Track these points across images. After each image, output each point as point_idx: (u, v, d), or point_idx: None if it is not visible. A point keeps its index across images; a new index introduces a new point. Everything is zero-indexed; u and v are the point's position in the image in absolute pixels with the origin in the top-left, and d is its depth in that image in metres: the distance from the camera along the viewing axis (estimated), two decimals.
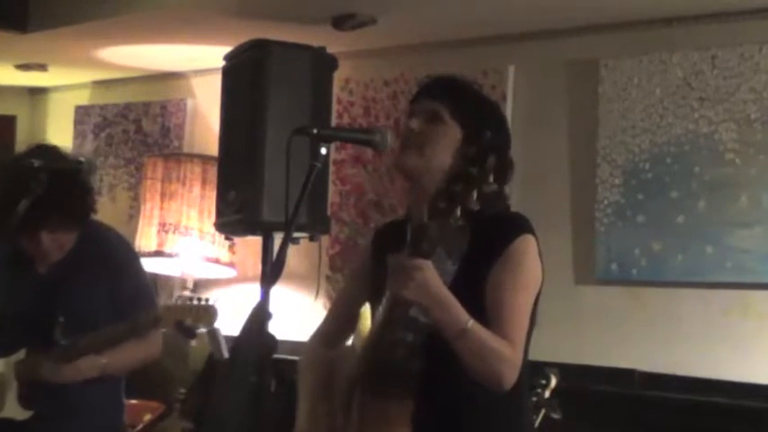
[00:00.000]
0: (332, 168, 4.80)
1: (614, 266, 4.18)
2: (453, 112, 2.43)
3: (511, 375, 2.30)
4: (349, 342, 2.70)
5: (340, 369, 2.52)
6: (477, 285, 2.36)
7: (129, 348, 3.30)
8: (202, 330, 3.31)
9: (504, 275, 2.36)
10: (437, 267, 2.30)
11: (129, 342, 3.27)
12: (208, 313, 3.13)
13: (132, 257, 3.53)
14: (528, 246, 2.40)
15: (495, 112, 2.58)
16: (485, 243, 2.37)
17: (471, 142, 2.32)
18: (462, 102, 2.47)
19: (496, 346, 2.28)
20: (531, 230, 2.43)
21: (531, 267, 2.40)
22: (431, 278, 2.23)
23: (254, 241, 4.33)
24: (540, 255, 2.45)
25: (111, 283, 3.37)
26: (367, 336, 2.45)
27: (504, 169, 2.48)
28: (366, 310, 2.64)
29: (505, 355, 2.28)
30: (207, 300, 3.16)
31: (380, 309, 2.34)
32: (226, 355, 4.29)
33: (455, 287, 2.30)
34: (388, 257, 2.28)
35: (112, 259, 3.41)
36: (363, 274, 2.65)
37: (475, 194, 2.12)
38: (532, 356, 2.51)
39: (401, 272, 2.23)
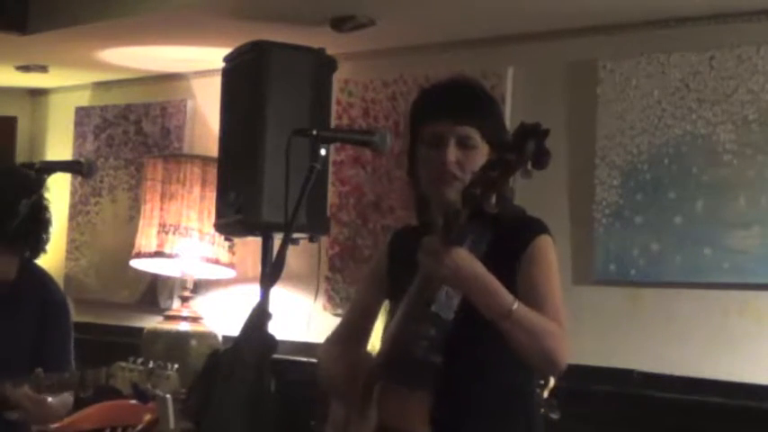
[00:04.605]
0: (331, 169, 4.80)
1: (612, 267, 4.19)
2: (483, 134, 2.44)
3: (563, 351, 2.29)
4: (368, 346, 2.69)
5: (359, 374, 2.49)
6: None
7: (65, 399, 3.26)
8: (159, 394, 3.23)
9: (534, 270, 2.39)
10: None
11: (67, 393, 3.22)
12: (169, 381, 3.06)
13: (65, 311, 3.48)
14: (549, 244, 2.45)
15: (499, 110, 2.60)
16: (505, 244, 2.40)
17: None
18: (488, 120, 2.48)
19: (544, 323, 2.29)
20: (549, 232, 2.47)
21: (554, 262, 2.44)
22: (463, 263, 2.24)
23: (254, 242, 4.35)
24: None
25: (39, 330, 3.34)
26: (387, 329, 2.46)
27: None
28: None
29: (555, 331, 2.29)
30: (173, 367, 3.10)
31: (402, 303, 2.36)
32: (172, 425, 4.24)
33: None
34: (422, 241, 2.28)
35: (48, 308, 3.39)
36: (380, 274, 2.67)
37: (511, 181, 2.12)
38: None
39: (433, 256, 2.24)
